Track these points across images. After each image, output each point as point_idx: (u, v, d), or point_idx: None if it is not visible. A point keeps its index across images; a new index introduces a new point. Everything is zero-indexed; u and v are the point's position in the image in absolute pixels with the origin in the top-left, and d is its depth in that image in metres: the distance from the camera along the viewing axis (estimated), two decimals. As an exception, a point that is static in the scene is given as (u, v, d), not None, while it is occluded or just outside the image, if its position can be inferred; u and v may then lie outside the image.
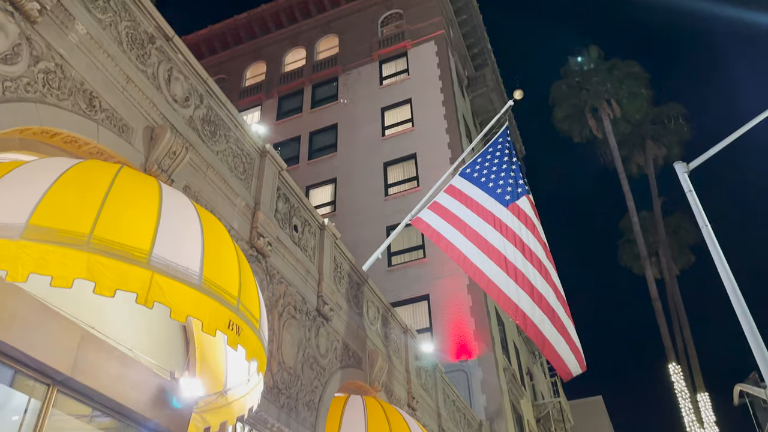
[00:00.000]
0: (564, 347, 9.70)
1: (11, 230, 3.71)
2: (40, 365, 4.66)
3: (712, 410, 18.16)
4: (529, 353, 28.22)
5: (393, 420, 9.23)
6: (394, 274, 22.61)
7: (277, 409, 7.17)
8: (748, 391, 10.72)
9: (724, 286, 8.87)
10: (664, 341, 24.76)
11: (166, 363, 6.00)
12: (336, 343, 9.49)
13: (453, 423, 14.63)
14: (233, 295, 4.81)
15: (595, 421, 46.58)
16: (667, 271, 29.22)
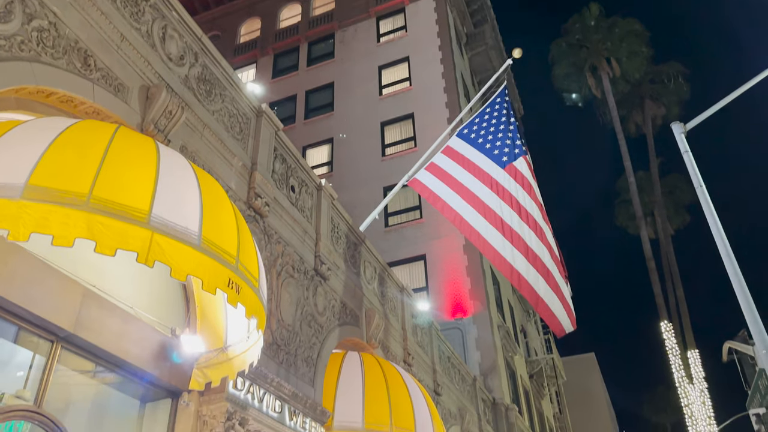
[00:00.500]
0: (557, 305, 9.88)
1: (11, 190, 3.74)
2: (43, 322, 4.76)
3: (701, 366, 18.64)
4: (523, 311, 28.66)
5: (389, 375, 9.46)
6: (390, 234, 22.75)
7: (276, 365, 7.35)
8: (736, 348, 10.98)
9: (717, 246, 8.99)
10: (657, 300, 25.18)
11: (167, 320, 6.12)
12: (334, 301, 9.64)
13: (448, 378, 14.98)
14: (232, 255, 4.88)
15: (587, 377, 47.68)
16: (661, 231, 29.45)
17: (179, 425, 5.98)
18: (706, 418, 17.88)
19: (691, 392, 18.49)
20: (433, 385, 13.53)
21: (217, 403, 6.03)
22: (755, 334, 8.28)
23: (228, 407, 6.05)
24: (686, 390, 18.82)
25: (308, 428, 7.55)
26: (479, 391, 17.51)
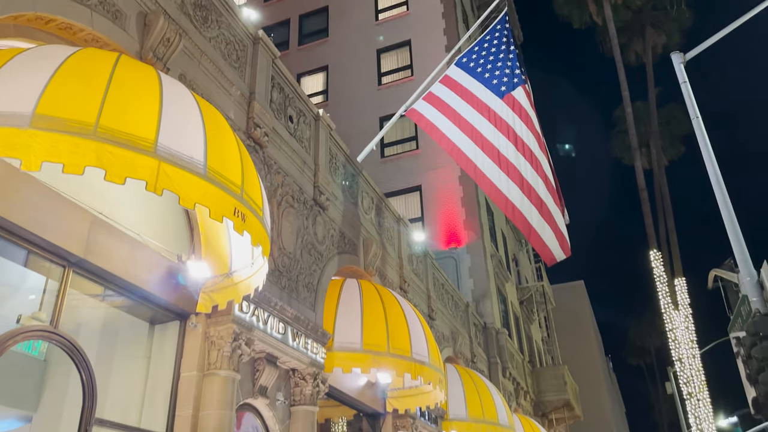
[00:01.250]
0: (550, 235, 10.12)
1: (20, 119, 3.79)
2: (55, 248, 4.92)
3: (687, 294, 19.31)
4: (515, 241, 29.18)
5: (386, 300, 9.81)
6: (387, 165, 22.80)
7: (279, 290, 7.62)
8: (722, 275, 11.37)
9: (709, 176, 9.16)
10: (648, 230, 25.64)
11: (173, 248, 6.30)
12: (332, 231, 9.84)
13: (441, 304, 15.49)
14: (237, 184, 4.99)
15: (576, 304, 49.10)
16: (656, 162, 29.59)
17: (188, 345, 6.28)
18: (689, 342, 18.69)
19: (675, 318, 19.23)
20: (428, 310, 14.01)
21: (224, 325, 6.31)
22: (740, 262, 8.59)
23: (234, 328, 6.33)
24: (671, 316, 19.56)
25: (310, 349, 7.91)
26: (471, 316, 18.14)
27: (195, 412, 5.96)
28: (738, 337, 8.72)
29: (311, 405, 7.79)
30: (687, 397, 19.00)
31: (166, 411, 5.96)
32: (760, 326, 8.06)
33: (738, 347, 8.71)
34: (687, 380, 19.04)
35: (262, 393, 7.08)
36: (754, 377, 8.12)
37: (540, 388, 23.12)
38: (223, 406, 6.03)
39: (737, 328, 9.67)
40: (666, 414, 51.14)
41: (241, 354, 6.48)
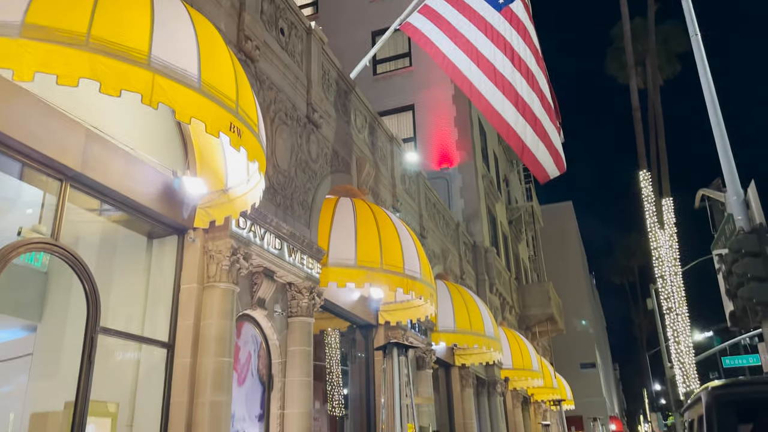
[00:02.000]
0: (543, 153, 10.16)
1: (9, 28, 3.69)
2: (51, 161, 4.92)
3: (673, 213, 19.66)
4: (507, 161, 29.25)
5: (380, 218, 9.97)
6: (379, 83, 22.39)
7: (274, 207, 7.70)
8: (709, 195, 11.57)
9: (704, 95, 9.12)
10: (638, 149, 25.73)
11: (167, 163, 6.30)
12: (326, 149, 9.82)
13: (433, 223, 15.73)
14: (232, 99, 4.94)
15: (563, 224, 49.93)
16: (651, 80, 29.22)
17: (187, 259, 6.42)
18: (672, 260, 19.26)
19: (661, 237, 19.72)
20: (419, 229, 14.25)
21: (221, 240, 6.43)
22: (728, 181, 8.73)
23: (232, 243, 6.46)
24: (657, 235, 20.02)
25: (306, 264, 8.11)
26: (461, 235, 18.48)
27: (196, 321, 6.19)
28: (720, 255, 8.99)
29: (307, 317, 8.08)
30: (667, 312, 19.79)
31: (168, 321, 6.18)
32: (742, 244, 8.31)
33: (720, 264, 8.99)
34: (667, 296, 19.77)
35: (260, 305, 7.32)
36: (733, 292, 8.45)
37: (525, 303, 23.96)
38: (224, 316, 6.25)
39: (720, 245, 9.95)
40: (645, 328, 53.33)
41: (239, 268, 6.64)
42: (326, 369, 15.42)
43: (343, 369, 13.55)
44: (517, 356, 18.26)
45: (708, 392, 3.01)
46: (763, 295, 7.85)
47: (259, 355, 7.64)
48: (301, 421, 7.55)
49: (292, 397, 7.66)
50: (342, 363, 13.56)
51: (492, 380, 17.88)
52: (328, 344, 15.38)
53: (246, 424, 7.07)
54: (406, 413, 8.37)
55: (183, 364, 6.05)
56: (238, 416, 6.93)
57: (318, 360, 13.91)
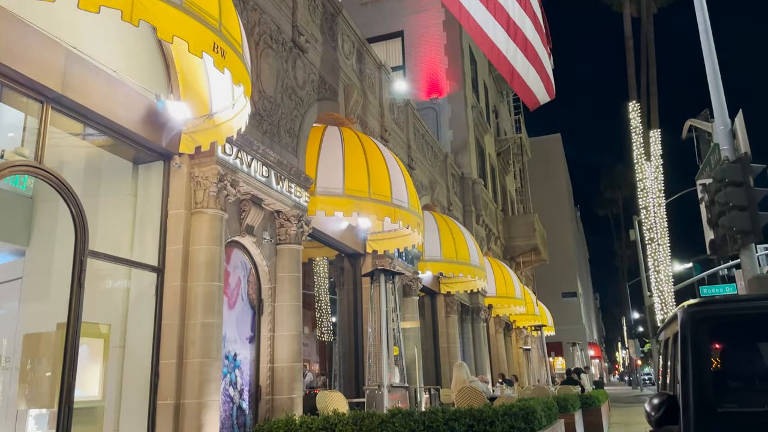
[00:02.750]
0: (534, 78, 10.03)
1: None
2: (31, 82, 4.78)
3: (660, 145, 19.71)
4: (497, 92, 28.88)
5: (368, 147, 9.91)
6: (367, 7, 21.68)
7: (260, 134, 7.61)
8: (697, 125, 11.60)
9: (697, 23, 8.96)
10: (629, 80, 25.47)
11: (150, 86, 6.15)
12: (312, 75, 9.62)
13: (421, 154, 15.68)
14: (215, 18, 4.78)
15: (551, 156, 50.03)
16: (644, 9, 28.55)
17: (174, 185, 6.38)
18: (657, 191, 19.46)
19: (647, 168, 19.85)
20: (408, 159, 14.21)
21: (208, 166, 6.38)
22: (716, 111, 8.72)
23: (219, 170, 6.42)
24: (643, 166, 20.15)
25: (293, 192, 8.11)
26: (449, 167, 18.48)
27: (185, 247, 6.23)
28: (704, 184, 9.11)
29: (296, 244, 8.16)
30: (648, 243, 20.22)
31: (156, 246, 6.21)
32: (726, 173, 8.41)
33: (703, 193, 9.12)
34: (650, 227, 20.13)
35: (249, 231, 7.37)
36: (714, 221, 8.62)
37: (510, 234, 24.31)
38: (212, 241, 6.29)
39: (705, 176, 10.06)
40: (626, 260, 54.63)
41: (227, 195, 6.63)
42: (315, 297, 15.76)
43: (332, 297, 13.82)
44: (501, 284, 18.71)
45: (683, 309, 3.11)
46: (743, 224, 8.03)
47: (249, 280, 7.75)
48: (291, 343, 7.77)
49: (281, 321, 7.84)
50: (330, 291, 13.80)
51: (476, 307, 18.38)
52: (317, 273, 15.66)
53: (237, 346, 7.26)
54: (392, 337, 8.63)
55: (173, 288, 6.13)
56: (230, 338, 7.11)
57: (307, 288, 14.16)
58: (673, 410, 2.80)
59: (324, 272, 14.34)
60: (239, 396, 7.19)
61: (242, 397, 7.25)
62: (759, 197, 8.23)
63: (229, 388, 7.00)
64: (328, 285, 13.47)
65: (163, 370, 5.94)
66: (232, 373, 7.11)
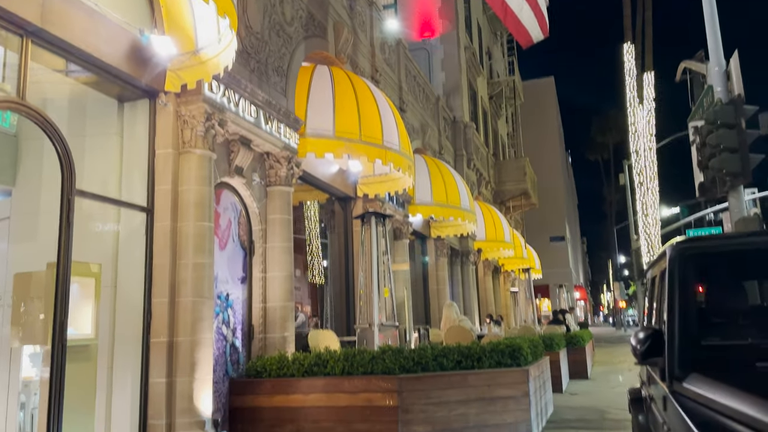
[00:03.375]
0: (528, 15, 9.79)
1: None
2: (8, 14, 4.59)
3: (653, 88, 19.52)
4: (491, 33, 28.27)
5: (358, 88, 9.72)
6: (357, -59, 20.84)
7: (248, 72, 7.43)
8: (691, 67, 11.45)
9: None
10: (625, 21, 24.97)
11: (134, 22, 5.93)
12: (301, 11, 9.32)
13: (412, 96, 15.46)
14: (198, -55, 4.56)
15: (544, 100, 49.57)
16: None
17: (160, 123, 6.26)
18: (648, 135, 19.42)
19: (639, 112, 19.72)
20: (399, 102, 14.01)
21: (194, 104, 6.25)
22: (711, 51, 8.59)
23: (206, 108, 6.29)
24: (635, 110, 20.01)
25: (283, 133, 8.00)
26: (441, 110, 18.27)
27: (174, 187, 6.17)
28: (696, 126, 9.07)
29: (286, 186, 8.11)
30: (638, 186, 20.31)
31: (145, 186, 6.15)
32: (719, 115, 8.37)
33: (695, 136, 9.10)
34: (640, 171, 20.18)
35: (238, 173, 7.30)
36: (704, 163, 8.64)
37: (501, 178, 24.33)
38: (202, 182, 6.23)
39: (697, 118, 10.01)
40: (615, 205, 55.03)
41: (215, 134, 6.52)
42: (306, 241, 15.82)
43: (323, 242, 13.90)
44: (491, 228, 18.86)
45: (672, 246, 3.14)
46: (734, 166, 8.05)
47: (240, 222, 7.74)
48: (283, 283, 7.84)
49: (273, 262, 7.88)
50: (322, 236, 13.88)
51: (465, 251, 18.58)
52: (308, 217, 15.65)
53: (229, 286, 7.32)
54: (383, 279, 8.72)
55: (163, 228, 6.11)
56: (222, 278, 7.16)
57: (298, 233, 14.23)
58: (658, 343, 2.87)
59: (315, 216, 14.34)
60: (232, 334, 7.30)
61: (235, 335, 7.37)
62: (750, 139, 8.23)
63: (222, 327, 7.10)
64: (320, 229, 13.50)
65: (155, 309, 5.99)
66: (225, 313, 7.19)
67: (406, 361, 6.81)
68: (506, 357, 7.27)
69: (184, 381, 5.94)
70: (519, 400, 7.11)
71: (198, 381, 5.99)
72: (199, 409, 5.95)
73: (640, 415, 4.26)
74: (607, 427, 8.03)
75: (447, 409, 6.71)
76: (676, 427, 2.40)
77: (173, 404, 5.90)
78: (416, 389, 6.65)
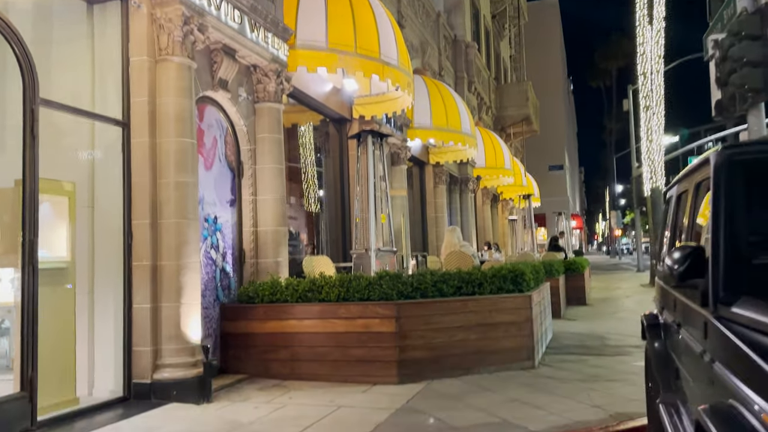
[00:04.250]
0: None
1: None
2: None
3: (664, 6, 18.44)
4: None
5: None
6: None
7: (231, -27, 6.72)
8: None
9: None
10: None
11: None
12: None
13: (412, 11, 14.57)
14: None
15: (548, 22, 47.76)
16: None
17: (134, 28, 5.66)
18: (657, 57, 18.56)
19: (648, 32, 18.78)
20: (398, 16, 13.15)
21: (170, 6, 5.61)
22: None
23: (183, 11, 5.65)
24: (644, 30, 19.06)
25: (271, 44, 7.36)
26: (442, 28, 17.34)
27: (151, 99, 5.64)
28: (716, 40, 8.43)
29: (276, 102, 7.55)
30: (643, 110, 19.60)
31: (119, 97, 5.62)
32: (744, 25, 7.73)
33: (714, 50, 8.47)
34: (647, 94, 19.43)
35: (222, 86, 6.73)
36: (724, 79, 8.08)
37: (502, 103, 23.55)
38: (181, 93, 5.70)
39: (716, 32, 9.35)
40: (615, 133, 54.17)
41: (194, 41, 5.92)
42: (301, 169, 15.29)
43: (319, 171, 13.49)
44: (491, 155, 18.35)
45: (718, 153, 2.70)
46: (756, 81, 7.51)
47: (226, 141, 7.24)
48: (275, 206, 7.43)
49: (264, 184, 7.44)
50: (317, 164, 13.45)
51: (464, 178, 18.13)
52: (303, 144, 14.98)
53: (217, 209, 6.91)
54: (380, 203, 8.32)
55: (141, 144, 5.63)
56: (208, 200, 6.74)
57: (293, 160, 13.74)
58: (699, 262, 2.48)
59: (310, 142, 13.79)
60: (222, 259, 6.96)
61: (225, 260, 7.03)
62: (776, 53, 7.63)
63: (210, 251, 6.75)
64: (315, 157, 13.01)
65: (136, 231, 5.60)
66: (213, 237, 6.83)
67: (404, 286, 6.51)
68: (508, 282, 6.98)
69: (170, 307, 5.64)
70: (521, 326, 6.89)
71: (185, 306, 5.69)
72: (187, 336, 5.68)
73: (656, 342, 3.96)
74: (608, 353, 7.88)
75: (447, 335, 6.48)
76: (726, 357, 2.04)
77: (159, 330, 5.62)
78: (415, 315, 6.39)
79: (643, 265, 28.82)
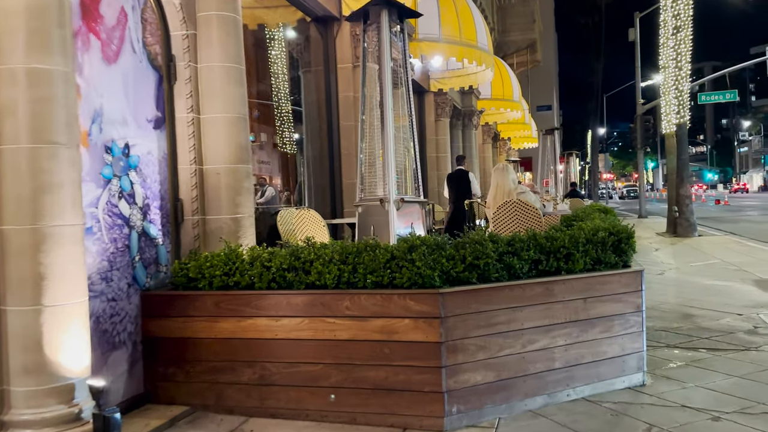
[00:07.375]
0: None
1: None
2: None
3: None
4: None
5: None
6: None
7: None
8: None
9: None
10: None
11: None
12: None
13: None
14: None
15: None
16: None
17: None
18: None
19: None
20: None
21: None
22: None
23: None
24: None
25: None
26: None
27: None
28: None
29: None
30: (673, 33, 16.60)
31: None
32: None
33: None
34: (676, 13, 16.50)
35: None
36: None
37: (506, 27, 20.43)
38: None
39: None
40: (600, 74, 51.26)
41: None
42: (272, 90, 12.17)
43: (295, 95, 10.60)
44: (498, 85, 15.52)
45: None
46: None
47: (145, 19, 4.32)
48: (230, 129, 4.60)
49: (211, 94, 4.58)
50: (293, 82, 10.53)
51: (468, 111, 15.33)
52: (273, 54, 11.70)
53: (130, 131, 4.06)
54: (400, 132, 5.47)
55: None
56: (113, 117, 3.89)
57: (260, 81, 10.72)
58: None
59: (282, 52, 10.71)
60: (141, 216, 4.17)
61: (148, 217, 4.24)
62: None
63: (119, 203, 3.95)
64: (290, 74, 10.01)
65: (-67, 166, 2.77)
66: (124, 178, 4.00)
67: (451, 263, 3.84)
68: (608, 252, 4.38)
69: (20, 313, 2.92)
70: (627, 320, 4.34)
71: (53, 311, 2.97)
72: (59, 366, 2.97)
73: None
74: (719, 343, 5.45)
75: (520, 343, 3.89)
76: None
77: (2, 357, 2.90)
78: (471, 312, 3.75)
79: (645, 210, 26.68)
